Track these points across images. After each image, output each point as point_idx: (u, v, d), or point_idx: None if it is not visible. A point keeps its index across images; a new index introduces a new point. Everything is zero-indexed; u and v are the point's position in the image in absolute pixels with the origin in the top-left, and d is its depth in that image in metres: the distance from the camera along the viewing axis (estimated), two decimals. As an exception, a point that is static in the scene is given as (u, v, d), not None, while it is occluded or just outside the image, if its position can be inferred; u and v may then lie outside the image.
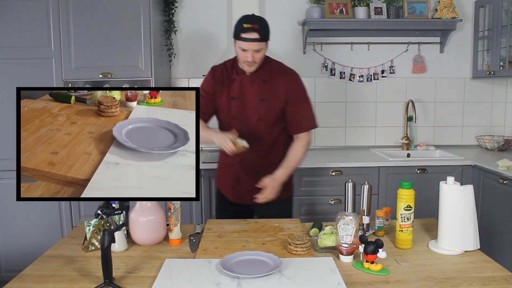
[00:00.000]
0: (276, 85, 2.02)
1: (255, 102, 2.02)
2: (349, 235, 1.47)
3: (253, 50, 1.90)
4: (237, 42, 1.92)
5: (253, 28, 1.87)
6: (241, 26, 1.88)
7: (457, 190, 1.50)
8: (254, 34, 1.87)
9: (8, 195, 2.94)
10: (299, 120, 2.07)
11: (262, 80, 2.02)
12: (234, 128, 2.00)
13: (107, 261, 1.27)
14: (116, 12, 2.86)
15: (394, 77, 3.57)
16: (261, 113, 2.02)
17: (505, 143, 3.34)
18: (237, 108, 2.03)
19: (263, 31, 1.90)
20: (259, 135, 2.05)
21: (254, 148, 2.01)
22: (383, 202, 2.99)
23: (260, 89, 2.02)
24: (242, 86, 2.03)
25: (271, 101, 2.02)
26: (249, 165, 2.08)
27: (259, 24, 1.88)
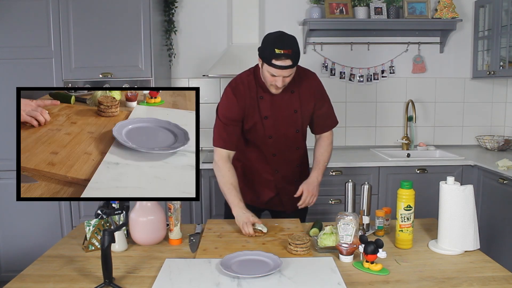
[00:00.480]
0: (304, 92, 1.93)
1: (290, 116, 1.93)
2: (349, 235, 1.47)
3: (284, 76, 1.76)
4: (267, 66, 1.75)
5: (287, 55, 1.69)
6: (273, 52, 1.69)
7: (457, 190, 1.50)
8: (288, 61, 1.70)
9: (8, 195, 2.94)
10: (325, 120, 2.04)
11: (290, 91, 1.91)
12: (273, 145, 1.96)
13: (107, 261, 1.27)
14: (116, 12, 2.86)
15: (394, 77, 3.57)
16: (297, 125, 1.96)
17: (505, 143, 3.34)
18: (273, 127, 1.93)
19: (296, 56, 1.73)
20: (297, 145, 2.03)
21: (294, 159, 2.04)
22: (383, 202, 2.99)
23: (291, 101, 1.92)
24: (272, 102, 1.90)
25: (304, 110, 1.95)
26: (290, 177, 2.06)
27: (292, 49, 1.70)
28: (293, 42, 1.74)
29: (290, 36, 1.76)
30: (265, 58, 1.74)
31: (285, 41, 1.71)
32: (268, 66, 1.74)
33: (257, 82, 1.90)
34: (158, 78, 3.04)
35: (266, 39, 1.76)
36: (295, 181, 2.05)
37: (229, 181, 1.87)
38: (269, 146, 1.97)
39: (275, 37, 1.74)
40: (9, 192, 2.94)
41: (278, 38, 1.73)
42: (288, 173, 2.05)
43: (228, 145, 1.91)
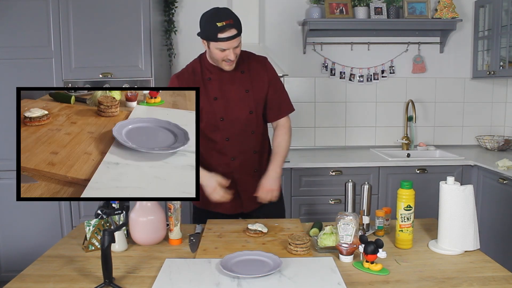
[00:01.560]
0: (256, 73, 1.91)
1: (241, 96, 1.89)
2: (349, 235, 1.47)
3: (233, 47, 1.75)
4: (214, 43, 1.74)
5: (230, 25, 1.69)
6: (215, 26, 1.69)
7: (457, 190, 1.50)
8: (233, 30, 1.71)
9: (8, 195, 2.94)
10: (280, 104, 1.98)
11: (240, 71, 1.89)
12: (225, 129, 1.89)
13: (107, 261, 1.27)
14: (116, 12, 2.86)
15: (394, 77, 3.57)
16: (251, 105, 1.90)
17: (505, 143, 3.34)
18: (223, 108, 1.88)
19: (238, 23, 1.73)
20: (252, 129, 1.94)
21: (249, 144, 1.95)
22: (383, 202, 2.99)
23: (242, 81, 1.89)
24: (222, 83, 1.88)
25: (257, 91, 1.91)
26: (248, 164, 1.97)
27: (232, 18, 1.71)
28: (230, 12, 1.74)
29: (225, 8, 1.75)
30: (209, 37, 1.73)
31: (223, 13, 1.72)
32: (215, 43, 1.73)
33: (203, 65, 1.90)
34: (158, 78, 3.04)
35: (203, 18, 1.75)
36: (254, 171, 1.98)
37: None
38: (222, 130, 1.89)
39: (211, 13, 1.73)
40: (9, 192, 2.94)
41: (215, 12, 1.73)
42: (245, 161, 1.96)
43: None
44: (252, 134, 1.95)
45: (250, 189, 1.95)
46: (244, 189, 1.98)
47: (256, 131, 1.96)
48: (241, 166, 1.96)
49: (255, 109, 1.92)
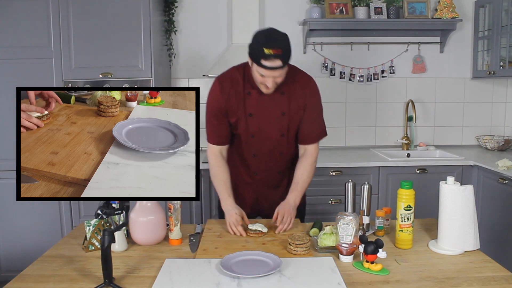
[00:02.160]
0: (295, 95, 1.82)
1: (276, 118, 1.82)
2: (349, 235, 1.47)
3: (274, 77, 1.67)
4: (256, 66, 1.65)
5: (276, 55, 1.59)
6: (262, 51, 1.59)
7: (457, 190, 1.50)
8: (278, 61, 1.60)
9: (8, 195, 2.94)
10: (312, 129, 1.89)
11: (280, 92, 1.80)
12: (254, 145, 1.87)
13: (107, 261, 1.27)
14: (116, 12, 2.86)
15: (394, 77, 3.57)
16: (283, 128, 1.84)
17: (505, 143, 3.34)
18: (256, 126, 1.83)
19: (287, 55, 1.63)
20: (281, 150, 1.90)
21: (275, 164, 1.92)
22: (383, 202, 2.99)
23: (280, 103, 1.81)
24: (260, 100, 1.80)
25: (293, 114, 1.83)
26: (270, 181, 1.97)
27: (282, 48, 1.60)
28: (283, 40, 1.63)
29: (281, 34, 1.65)
30: (254, 58, 1.65)
31: (275, 40, 1.61)
32: (257, 66, 1.65)
33: (246, 77, 1.81)
34: (158, 78, 3.04)
35: (256, 37, 1.67)
36: (275, 186, 1.98)
37: (218, 177, 1.86)
38: (250, 146, 1.87)
39: (264, 35, 1.64)
40: (9, 192, 2.94)
41: (268, 36, 1.63)
42: (267, 178, 1.96)
43: (217, 140, 1.87)
44: (280, 156, 1.92)
45: (270, 200, 1.95)
46: (264, 198, 2.00)
47: (284, 153, 1.92)
48: (262, 181, 1.97)
49: (287, 132, 1.87)
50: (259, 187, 1.98)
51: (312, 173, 1.92)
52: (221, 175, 1.87)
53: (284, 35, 1.66)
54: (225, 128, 1.86)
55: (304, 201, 2.13)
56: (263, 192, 1.99)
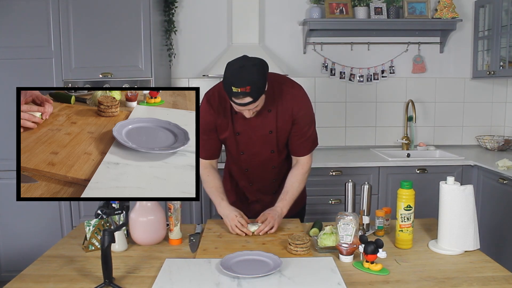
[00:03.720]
0: (283, 111, 1.78)
1: (264, 136, 1.81)
2: (349, 235, 1.47)
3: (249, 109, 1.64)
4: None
5: (244, 93, 1.54)
6: (230, 90, 1.55)
7: (457, 190, 1.50)
8: (247, 99, 1.56)
9: (8, 195, 2.94)
10: (303, 142, 1.86)
11: (267, 110, 1.76)
12: (245, 161, 1.88)
13: (107, 261, 1.27)
14: (116, 12, 2.86)
15: (394, 77, 3.57)
16: (272, 146, 1.84)
17: (505, 143, 3.34)
18: (245, 144, 1.84)
19: (257, 91, 1.57)
20: (273, 164, 1.91)
21: (269, 176, 1.95)
22: (383, 202, 2.99)
23: (267, 121, 1.78)
24: (246, 120, 1.77)
25: (281, 131, 1.81)
26: (266, 189, 2.00)
27: (250, 85, 1.53)
28: (252, 75, 1.54)
29: (251, 68, 1.55)
30: (226, 92, 1.60)
31: (243, 77, 1.53)
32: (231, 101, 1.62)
33: None
34: (158, 78, 3.04)
35: (226, 70, 1.60)
36: (272, 192, 1.99)
37: (210, 185, 1.88)
38: (241, 162, 1.90)
39: (233, 71, 1.57)
40: (9, 192, 2.94)
41: (236, 73, 1.55)
42: (264, 187, 1.99)
43: (205, 154, 1.88)
44: (273, 169, 1.93)
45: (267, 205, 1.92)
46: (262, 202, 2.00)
47: (276, 166, 1.93)
48: (258, 190, 2.00)
49: (277, 149, 1.86)
50: (256, 193, 2.02)
51: (304, 183, 1.91)
52: (211, 183, 1.88)
53: (255, 66, 1.58)
54: (215, 143, 1.87)
55: (304, 202, 2.14)
56: (261, 197, 2.02)
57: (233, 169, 2.01)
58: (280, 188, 1.93)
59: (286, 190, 1.86)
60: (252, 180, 1.98)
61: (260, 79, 1.57)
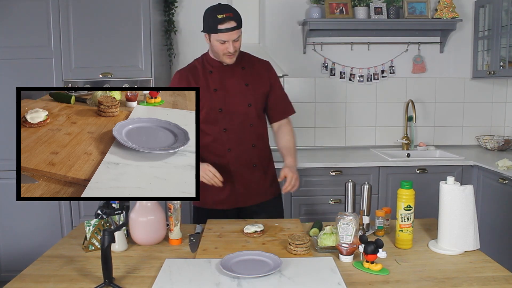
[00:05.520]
0: (257, 70, 2.01)
1: (241, 89, 1.97)
2: (349, 235, 1.47)
3: (233, 40, 1.84)
4: (214, 35, 1.84)
5: (229, 17, 1.80)
6: (216, 18, 1.80)
7: (457, 190, 1.50)
8: (232, 22, 1.81)
9: (8, 195, 2.94)
10: (284, 106, 2.08)
11: (241, 67, 1.99)
12: (223, 120, 1.94)
13: (107, 261, 1.27)
14: (116, 12, 2.86)
15: (394, 77, 3.57)
16: (249, 99, 1.97)
17: (505, 143, 3.34)
18: (222, 100, 1.95)
19: (238, 18, 1.85)
20: (251, 122, 1.99)
21: (247, 137, 1.99)
22: (383, 202, 2.99)
23: (242, 75, 1.98)
24: (222, 76, 1.97)
25: (257, 85, 1.99)
26: (245, 158, 2.00)
27: (233, 12, 1.83)
28: (231, 7, 1.85)
29: (227, 4, 1.87)
30: (210, 29, 1.83)
31: (224, 7, 1.83)
32: (215, 35, 1.83)
33: (205, 61, 2.00)
34: (158, 78, 3.04)
35: (206, 12, 1.86)
36: (252, 165, 2.01)
37: None
38: (220, 121, 1.95)
39: (213, 7, 1.85)
40: (9, 192, 2.94)
41: (217, 6, 1.84)
42: (242, 152, 1.99)
43: None
44: (250, 127, 2.00)
45: (246, 182, 2.01)
46: (240, 182, 2.01)
47: (254, 125, 2.00)
48: (238, 158, 2.00)
49: (254, 103, 1.98)
50: (234, 167, 1.99)
51: (295, 138, 2.09)
52: None
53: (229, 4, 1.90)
54: None
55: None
56: (240, 172, 2.00)
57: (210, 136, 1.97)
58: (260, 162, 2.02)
59: (287, 146, 2.04)
60: (230, 144, 1.98)
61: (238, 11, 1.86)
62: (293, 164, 1.97)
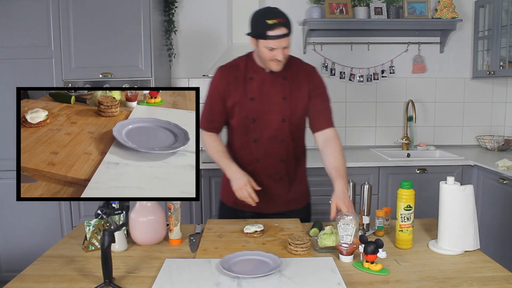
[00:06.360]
0: (298, 81, 1.86)
1: (278, 102, 1.83)
2: (349, 235, 1.47)
3: (283, 47, 1.70)
4: (263, 42, 1.69)
5: (281, 23, 1.65)
6: (266, 24, 1.65)
7: (457, 190, 1.50)
8: (283, 29, 1.66)
9: (8, 195, 2.94)
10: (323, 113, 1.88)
11: (282, 77, 1.84)
12: (254, 131, 1.85)
13: (107, 261, 1.27)
14: (116, 12, 2.86)
15: (394, 77, 3.57)
16: (285, 113, 1.84)
17: (505, 143, 3.34)
18: (257, 110, 1.84)
19: (289, 23, 1.69)
20: (282, 137, 1.88)
21: (277, 152, 1.89)
22: (383, 202, 2.99)
23: (282, 87, 1.84)
24: (261, 85, 1.83)
25: (295, 99, 1.85)
26: (272, 170, 1.91)
27: (284, 17, 1.67)
28: (281, 11, 1.71)
29: (276, 7, 1.72)
30: (259, 34, 1.70)
31: (274, 12, 1.69)
32: (264, 41, 1.69)
33: (248, 63, 1.87)
34: (158, 78, 3.04)
35: (254, 15, 1.73)
36: (279, 178, 1.92)
37: (215, 150, 1.88)
38: (251, 131, 1.86)
39: (262, 11, 1.71)
40: (9, 192, 2.94)
41: (266, 10, 1.71)
42: (269, 166, 1.90)
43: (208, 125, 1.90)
44: (282, 143, 1.89)
45: (270, 192, 1.91)
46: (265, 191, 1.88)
47: (286, 141, 1.89)
48: (264, 170, 1.91)
49: (288, 119, 1.86)
50: (261, 177, 1.90)
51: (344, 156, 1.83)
52: (217, 147, 1.88)
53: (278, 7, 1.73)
54: (219, 115, 1.90)
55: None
56: (265, 183, 1.90)
57: (238, 143, 1.92)
58: (286, 175, 1.93)
59: (336, 166, 1.79)
60: (258, 155, 1.90)
61: (288, 16, 1.71)
62: (344, 189, 1.73)
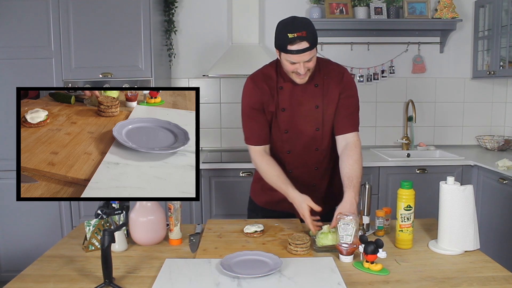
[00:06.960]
0: (330, 87, 1.78)
1: (310, 111, 1.78)
2: (349, 235, 1.47)
3: (304, 61, 1.63)
4: (284, 55, 1.63)
5: (301, 37, 1.57)
6: (286, 37, 1.58)
7: (457, 190, 1.50)
8: (304, 43, 1.58)
9: (8, 195, 2.94)
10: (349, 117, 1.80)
11: (314, 84, 1.76)
12: (288, 142, 1.80)
13: (107, 261, 1.27)
14: (116, 12, 2.86)
15: (394, 77, 3.57)
16: (318, 122, 1.79)
17: (505, 143, 3.34)
18: (289, 121, 1.78)
19: (312, 37, 1.60)
20: (316, 146, 1.83)
21: (311, 160, 1.85)
22: (383, 202, 2.99)
23: (314, 95, 1.77)
24: (292, 94, 1.77)
25: (328, 105, 1.78)
26: (306, 178, 1.88)
27: (306, 30, 1.58)
28: (306, 23, 1.61)
29: (302, 18, 1.63)
30: (280, 47, 1.63)
31: (297, 24, 1.60)
32: (285, 54, 1.63)
33: (278, 71, 1.79)
34: (158, 78, 3.04)
35: (278, 26, 1.65)
36: (312, 185, 1.89)
37: (271, 174, 1.79)
38: (284, 142, 1.82)
39: (286, 22, 1.63)
40: (9, 192, 2.94)
41: (289, 22, 1.62)
42: (303, 175, 1.87)
43: (257, 140, 1.82)
44: (316, 151, 1.85)
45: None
46: None
47: (320, 149, 1.85)
48: (298, 178, 1.85)
49: (321, 127, 1.81)
50: (294, 184, 1.80)
51: (361, 165, 1.74)
52: (272, 171, 1.79)
53: (307, 19, 1.65)
54: (264, 126, 1.82)
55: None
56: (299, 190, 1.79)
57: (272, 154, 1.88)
58: (321, 182, 1.90)
59: (349, 175, 1.69)
60: (292, 165, 1.87)
61: (313, 28, 1.62)
62: (352, 200, 1.62)
